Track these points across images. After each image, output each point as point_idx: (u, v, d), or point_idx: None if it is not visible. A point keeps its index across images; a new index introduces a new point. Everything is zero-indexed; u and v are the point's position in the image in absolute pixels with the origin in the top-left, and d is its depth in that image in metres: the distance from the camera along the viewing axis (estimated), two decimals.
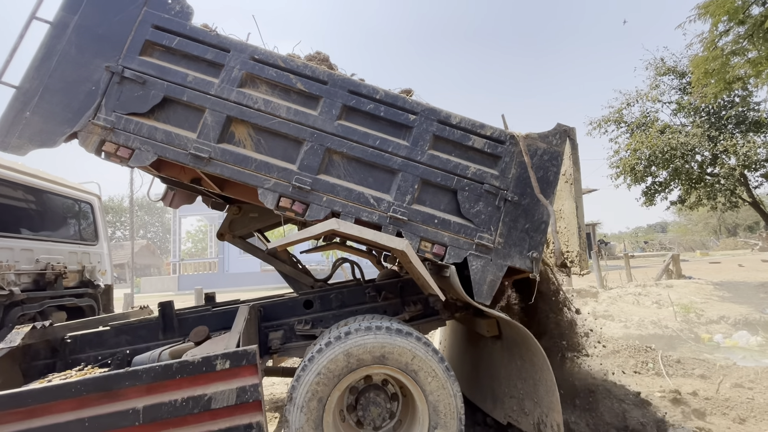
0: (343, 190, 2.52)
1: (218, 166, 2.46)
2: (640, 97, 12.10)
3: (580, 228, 2.87)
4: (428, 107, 2.63)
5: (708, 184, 10.95)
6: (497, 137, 2.64)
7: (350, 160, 2.57)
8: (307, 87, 2.57)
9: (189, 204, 4.00)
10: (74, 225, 4.21)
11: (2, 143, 2.37)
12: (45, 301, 3.40)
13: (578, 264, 2.91)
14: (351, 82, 2.62)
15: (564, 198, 3.01)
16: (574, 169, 2.87)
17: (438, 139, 2.62)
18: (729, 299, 8.79)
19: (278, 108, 2.54)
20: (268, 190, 2.47)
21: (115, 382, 1.94)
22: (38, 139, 2.41)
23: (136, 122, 2.45)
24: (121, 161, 2.45)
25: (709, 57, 7.61)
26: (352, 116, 2.61)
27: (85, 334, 2.81)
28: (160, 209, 48.64)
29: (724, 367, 4.41)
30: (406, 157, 2.57)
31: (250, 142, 2.54)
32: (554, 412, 2.36)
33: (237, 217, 3.43)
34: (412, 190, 2.55)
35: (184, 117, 2.52)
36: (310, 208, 2.49)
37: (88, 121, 2.42)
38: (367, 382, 2.47)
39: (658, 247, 38.19)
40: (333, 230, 2.32)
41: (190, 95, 2.50)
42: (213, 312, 2.99)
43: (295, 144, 2.55)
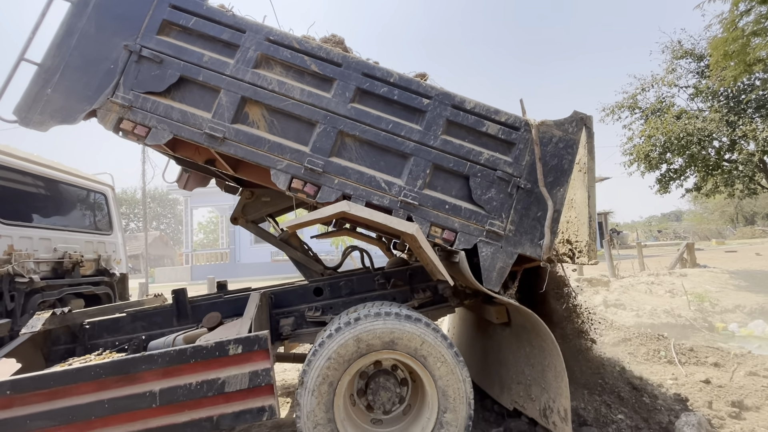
0: (355, 173, 2.52)
1: (232, 146, 2.49)
2: (656, 82, 11.75)
3: (591, 218, 2.82)
4: (442, 91, 2.60)
5: (725, 171, 10.67)
6: (512, 123, 2.60)
7: (362, 143, 2.57)
8: (321, 69, 2.57)
9: (203, 187, 4.10)
10: (89, 215, 4.30)
11: (25, 119, 2.45)
12: (63, 288, 3.50)
13: (587, 254, 2.87)
14: (365, 64, 2.60)
15: (576, 187, 2.96)
16: (589, 158, 2.82)
17: (451, 124, 2.60)
18: (745, 288, 8.63)
19: (292, 89, 2.55)
20: (281, 171, 2.49)
21: (132, 365, 2.00)
22: (59, 116, 2.48)
23: (152, 101, 2.50)
24: (137, 139, 2.51)
25: (729, 38, 7.33)
26: (366, 99, 2.60)
27: (103, 320, 2.89)
28: (172, 201, 49.33)
29: (739, 355, 4.35)
30: (419, 141, 2.56)
31: (264, 123, 2.56)
32: (562, 398, 2.36)
33: (250, 202, 3.49)
34: (424, 174, 2.54)
35: (200, 97, 2.55)
36: (322, 190, 2.50)
37: (106, 99, 2.48)
38: (377, 367, 2.50)
39: (672, 236, 37.50)
40: (344, 212, 2.33)
41: (206, 75, 2.53)
42: (225, 299, 3.04)
43: (308, 126, 2.56)
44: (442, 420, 2.28)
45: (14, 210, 3.33)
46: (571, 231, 3.02)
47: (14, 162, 3.35)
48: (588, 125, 2.71)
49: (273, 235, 3.64)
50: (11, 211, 3.28)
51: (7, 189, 3.23)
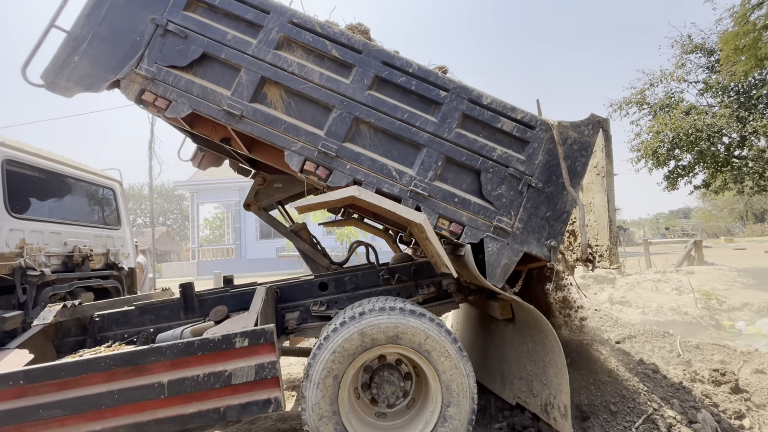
0: (367, 160, 2.55)
1: (249, 124, 2.53)
2: (665, 77, 11.60)
3: (611, 222, 2.81)
4: (460, 85, 2.60)
5: (735, 167, 10.52)
6: (527, 122, 2.60)
7: (377, 130, 2.59)
8: (341, 54, 2.60)
9: (216, 167, 4.17)
10: (98, 210, 4.35)
11: (51, 84, 2.52)
12: (74, 282, 3.56)
13: (608, 258, 2.86)
14: (385, 53, 2.61)
15: (595, 191, 2.94)
16: (607, 161, 2.81)
17: (467, 118, 2.60)
18: (753, 286, 8.54)
19: (311, 73, 2.58)
20: (295, 152, 2.53)
21: (141, 357, 2.04)
22: (84, 83, 2.55)
23: (175, 75, 2.56)
24: (158, 111, 2.58)
25: (740, 32, 7.21)
26: (383, 87, 2.62)
27: (112, 313, 2.95)
28: (178, 197, 49.67)
29: (745, 353, 4.32)
30: (433, 133, 2.57)
31: (281, 104, 2.60)
32: (562, 393, 2.37)
33: (262, 188, 3.54)
34: (436, 166, 2.55)
35: (221, 74, 2.60)
36: (333, 174, 2.53)
37: (130, 69, 2.55)
38: (381, 361, 2.52)
39: (680, 233, 37.11)
40: (353, 197, 2.35)
41: (228, 53, 2.58)
42: (231, 293, 3.08)
43: (325, 110, 2.59)
44: (445, 414, 2.30)
45: (26, 204, 3.39)
46: (591, 234, 3.01)
47: (26, 157, 3.40)
48: (605, 128, 2.70)
49: (284, 225, 3.68)
50: (23, 205, 3.34)
51: (18, 184, 3.28)
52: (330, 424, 2.21)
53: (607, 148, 2.79)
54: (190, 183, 26.89)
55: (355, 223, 4.51)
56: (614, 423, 2.82)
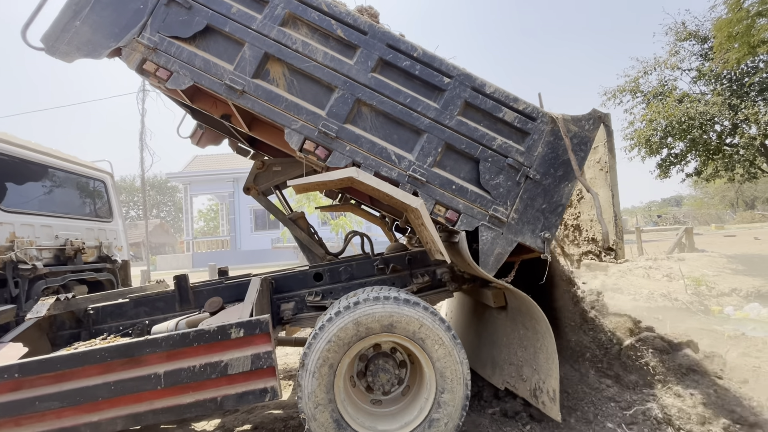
0: (367, 143, 2.54)
1: (250, 100, 2.52)
2: (658, 65, 11.59)
3: (617, 216, 2.83)
4: (464, 72, 2.59)
5: (726, 155, 10.62)
6: (529, 113, 2.59)
7: (378, 113, 2.58)
8: (346, 35, 2.57)
9: (215, 145, 4.18)
10: (89, 202, 4.31)
11: (51, 47, 2.48)
12: (66, 275, 3.54)
13: (615, 251, 2.90)
14: (391, 36, 2.59)
15: (599, 186, 2.96)
16: (610, 156, 2.82)
17: (469, 106, 2.59)
18: (742, 272, 8.70)
19: (315, 51, 2.56)
20: (295, 131, 2.52)
21: (136, 349, 2.04)
22: (85, 49, 2.51)
23: (177, 46, 2.52)
24: (159, 81, 2.55)
25: (734, 19, 7.22)
26: (387, 71, 2.60)
27: (107, 305, 2.94)
28: (171, 189, 49.23)
29: (733, 337, 4.43)
30: (434, 119, 2.56)
31: (284, 82, 2.58)
32: (552, 378, 2.42)
33: (261, 172, 3.53)
34: (435, 152, 2.55)
35: (224, 48, 2.57)
36: (333, 155, 2.53)
37: (132, 38, 2.51)
38: (376, 350, 2.56)
39: (671, 221, 37.56)
40: (352, 178, 2.35)
41: (232, 27, 2.55)
42: (226, 285, 3.08)
43: (327, 90, 2.58)
44: (440, 400, 2.34)
45: (15, 197, 3.35)
46: (597, 230, 3.03)
47: (13, 149, 3.34)
48: (606, 123, 2.70)
49: (282, 212, 3.68)
50: (12, 198, 3.30)
51: (7, 177, 3.24)
52: (326, 411, 2.25)
53: (610, 143, 2.80)
54: (183, 174, 26.66)
55: (352, 209, 4.52)
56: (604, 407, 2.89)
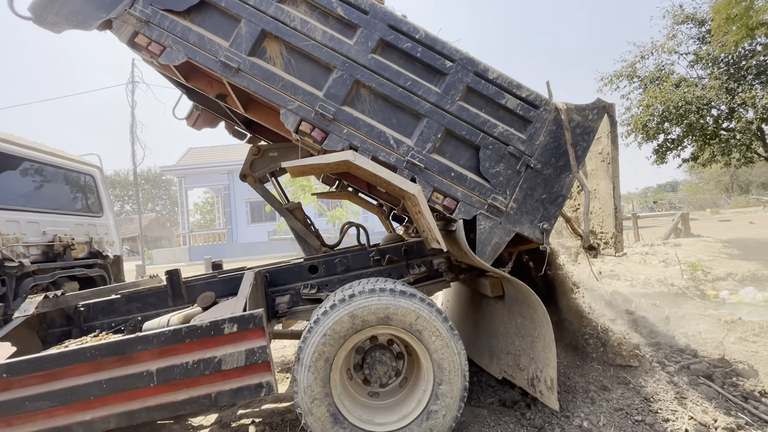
0: (365, 126, 2.48)
1: (245, 78, 2.45)
2: (656, 49, 11.47)
3: (617, 209, 2.78)
4: (467, 56, 2.51)
5: (723, 140, 10.59)
6: (532, 101, 2.53)
7: (377, 96, 2.52)
8: (346, 13, 2.50)
9: (212, 128, 4.15)
10: (78, 197, 4.22)
11: (39, 17, 2.40)
12: (56, 272, 3.48)
13: (613, 246, 2.86)
14: (392, 16, 2.51)
15: (600, 177, 2.90)
16: (612, 147, 2.75)
17: (471, 92, 2.52)
18: (737, 256, 8.74)
19: (314, 30, 2.48)
20: (291, 111, 2.46)
21: (128, 346, 2.00)
22: (74, 19, 2.43)
23: (171, 20, 2.45)
24: (151, 56, 2.47)
25: (732, 1, 7.10)
26: (388, 52, 2.53)
27: (98, 302, 2.89)
28: (166, 182, 48.87)
29: (729, 322, 4.45)
30: (435, 103, 2.49)
31: (281, 61, 2.51)
32: (549, 367, 2.41)
33: (257, 158, 3.49)
34: (435, 138, 2.49)
35: (219, 23, 2.50)
36: (329, 137, 2.47)
37: (124, 9, 2.43)
38: (373, 342, 2.52)
39: (667, 206, 37.73)
40: (348, 162, 2.30)
41: (229, 2, 2.47)
42: (219, 279, 3.03)
43: (325, 70, 2.51)
44: (437, 392, 2.32)
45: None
46: (596, 222, 2.99)
47: None
48: (611, 114, 2.64)
49: (279, 202, 3.63)
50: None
51: None
52: (323, 405, 2.22)
53: (613, 134, 2.74)
54: (178, 168, 26.41)
55: (349, 196, 4.47)
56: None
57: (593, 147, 2.86)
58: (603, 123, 2.64)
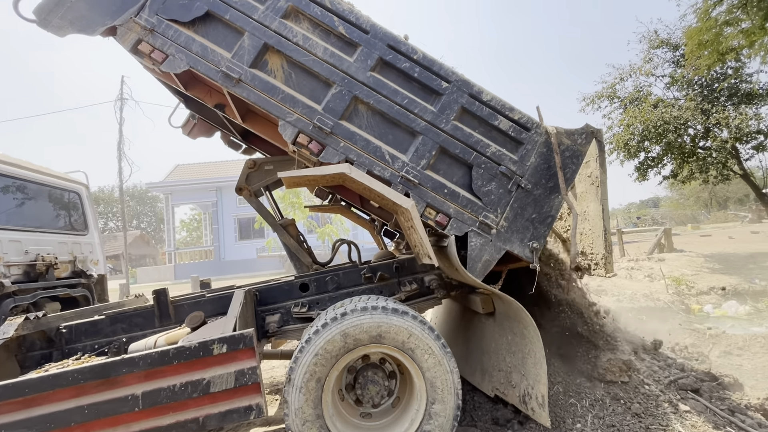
0: (362, 140, 2.53)
1: (246, 89, 2.49)
2: (634, 72, 11.98)
3: (606, 231, 2.86)
4: (462, 78, 2.61)
5: (700, 158, 11.00)
6: (524, 123, 2.63)
7: (374, 112, 2.58)
8: (348, 32, 2.58)
9: (207, 137, 4.17)
10: (63, 215, 4.13)
11: (44, 20, 2.43)
12: (37, 292, 3.37)
13: (603, 266, 2.92)
14: (392, 37, 2.60)
15: (589, 200, 2.99)
16: (601, 171, 2.85)
17: (465, 112, 2.61)
18: (719, 271, 8.97)
19: (316, 46, 2.56)
20: (289, 123, 2.50)
21: (112, 369, 1.94)
22: (79, 24, 2.46)
23: (175, 29, 2.49)
24: (153, 63, 2.50)
25: (703, 28, 7.51)
26: (386, 71, 2.61)
27: (81, 323, 2.80)
28: (152, 199, 48.11)
29: (714, 336, 4.53)
30: (431, 122, 2.57)
31: (282, 74, 2.57)
32: (540, 384, 2.41)
33: (253, 171, 3.49)
34: (429, 155, 2.55)
35: (223, 35, 2.56)
36: (326, 150, 2.51)
37: (130, 17, 2.48)
38: (365, 361, 2.50)
39: (650, 222, 38.61)
40: (344, 174, 2.33)
41: (233, 15, 2.53)
42: (208, 298, 2.98)
43: (325, 85, 2.57)
44: (430, 411, 2.29)
45: None
46: (586, 243, 3.06)
47: None
48: (599, 138, 2.75)
49: (273, 217, 3.62)
50: None
51: None
52: (314, 428, 2.17)
53: (601, 158, 2.84)
54: (165, 184, 26.08)
55: (342, 210, 4.47)
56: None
57: (583, 170, 2.96)
58: (592, 147, 2.74)
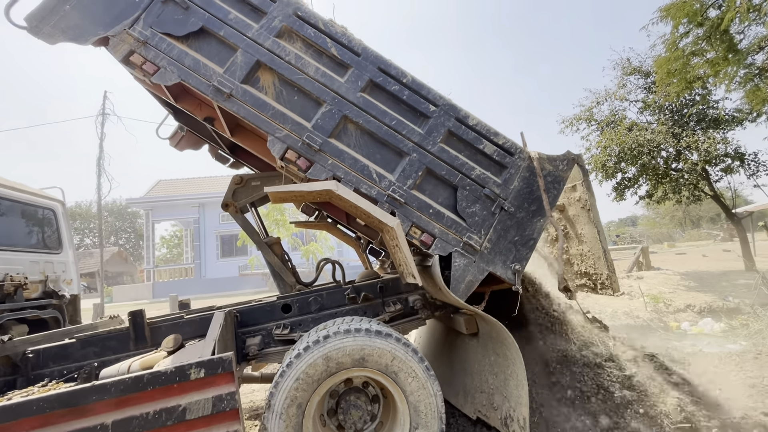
0: (350, 159, 2.56)
1: (236, 104, 2.51)
2: (609, 96, 12.51)
3: (606, 252, 2.93)
4: (449, 103, 2.69)
5: (673, 179, 11.44)
6: (508, 148, 2.71)
7: (363, 132, 2.63)
8: (340, 54, 2.65)
9: (194, 150, 4.15)
10: (36, 232, 3.99)
11: (35, 28, 2.41)
12: (3, 314, 3.21)
13: (610, 286, 2.98)
14: (383, 60, 2.67)
15: (583, 222, 3.07)
16: (589, 194, 2.95)
17: (451, 135, 2.68)
18: (694, 288, 9.22)
19: (308, 66, 2.61)
20: (278, 139, 2.52)
21: (81, 397, 1.85)
22: (71, 33, 2.46)
23: (169, 43, 2.51)
24: (144, 74, 2.51)
25: (671, 57, 7.95)
26: (376, 92, 2.67)
27: (49, 347, 2.67)
28: (131, 214, 46.87)
29: (691, 354, 4.62)
30: (418, 143, 2.63)
31: (273, 91, 2.60)
32: (522, 406, 2.41)
33: (239, 187, 3.47)
34: (416, 176, 2.60)
35: (216, 51, 2.59)
36: (314, 166, 2.53)
37: (123, 29, 2.49)
38: (348, 385, 2.45)
39: (629, 240, 39.67)
40: (331, 191, 2.34)
41: (228, 32, 2.58)
42: (187, 319, 2.89)
43: (315, 103, 2.62)
44: None
45: None
46: (588, 264, 3.12)
47: None
48: (580, 164, 2.87)
49: (258, 235, 3.57)
50: None
51: None
52: None
53: (586, 182, 2.94)
54: (145, 200, 25.51)
55: (328, 227, 4.45)
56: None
57: (571, 194, 3.06)
58: (576, 172, 2.85)
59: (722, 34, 7.05)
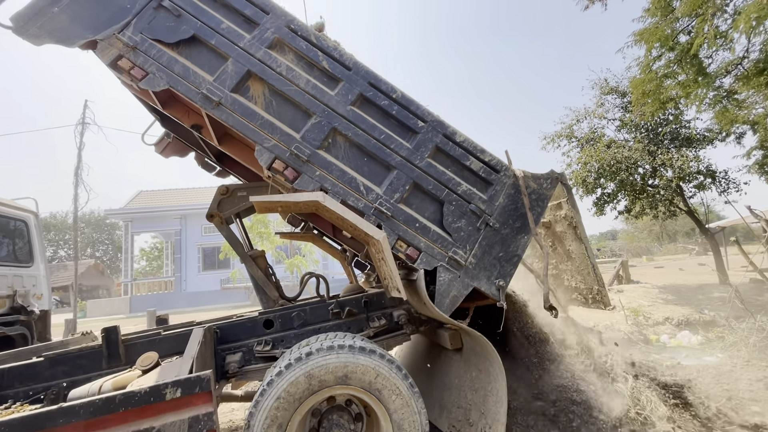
0: (338, 170, 2.56)
1: (225, 112, 2.50)
2: (588, 114, 12.96)
3: (594, 267, 2.99)
4: (437, 119, 2.73)
5: (650, 195, 11.83)
6: (494, 165, 2.76)
7: (352, 144, 2.63)
8: (331, 67, 2.67)
9: (180, 157, 4.10)
10: (5, 245, 3.82)
11: (21, 28, 2.36)
12: None
13: (601, 300, 3.02)
14: (373, 75, 2.71)
15: (570, 239, 3.13)
16: (574, 212, 3.01)
17: (439, 151, 2.72)
18: (672, 301, 9.45)
19: (298, 77, 2.62)
20: (266, 149, 2.50)
21: (47, 420, 1.75)
22: (58, 36, 2.41)
23: (159, 49, 2.49)
24: (131, 79, 2.47)
25: (645, 79, 8.33)
26: (365, 106, 2.70)
27: (14, 366, 2.53)
28: (110, 226, 45.52)
29: (670, 366, 4.70)
30: (406, 158, 2.65)
31: (262, 101, 2.60)
32: (498, 423, 2.39)
33: (225, 197, 3.43)
34: (403, 189, 2.61)
35: (207, 59, 2.58)
36: (301, 177, 2.52)
37: (112, 34, 2.46)
38: (330, 403, 2.39)
39: (609, 254, 40.59)
40: (318, 203, 2.33)
41: (219, 41, 2.58)
42: (164, 336, 2.79)
43: (305, 115, 2.62)
44: None
45: None
46: (577, 279, 3.17)
47: None
48: (564, 182, 2.94)
49: (242, 247, 3.50)
50: None
51: None
52: None
53: (571, 200, 3.01)
54: (125, 211, 24.85)
55: (313, 239, 4.41)
56: None
57: (557, 212, 3.13)
58: (560, 189, 2.91)
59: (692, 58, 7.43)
